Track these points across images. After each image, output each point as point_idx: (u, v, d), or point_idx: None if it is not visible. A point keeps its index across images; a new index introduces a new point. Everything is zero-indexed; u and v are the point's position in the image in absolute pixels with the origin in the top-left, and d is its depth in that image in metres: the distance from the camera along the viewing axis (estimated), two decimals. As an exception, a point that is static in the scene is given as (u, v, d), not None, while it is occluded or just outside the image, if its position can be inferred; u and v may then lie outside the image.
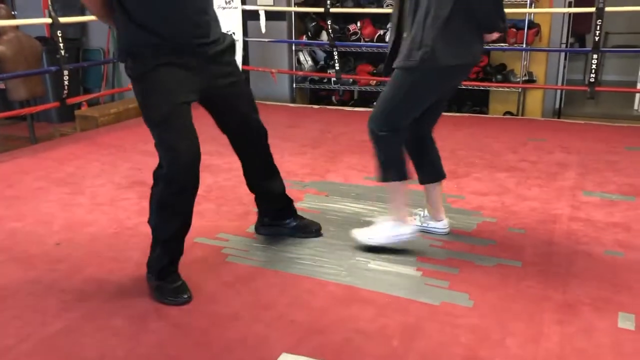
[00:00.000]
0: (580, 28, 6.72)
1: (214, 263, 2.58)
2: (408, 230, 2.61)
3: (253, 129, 2.55)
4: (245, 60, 6.37)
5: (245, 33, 6.23)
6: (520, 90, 5.85)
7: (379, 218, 2.78)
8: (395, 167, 2.53)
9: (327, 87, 6.61)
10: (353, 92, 6.86)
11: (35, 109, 5.29)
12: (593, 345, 1.97)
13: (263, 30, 5.99)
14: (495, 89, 5.97)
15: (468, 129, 4.89)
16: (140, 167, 3.88)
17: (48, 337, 2.05)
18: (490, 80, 5.84)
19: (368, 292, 2.32)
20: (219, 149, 2.66)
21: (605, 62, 7.61)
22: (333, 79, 6.26)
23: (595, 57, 4.96)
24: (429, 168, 2.72)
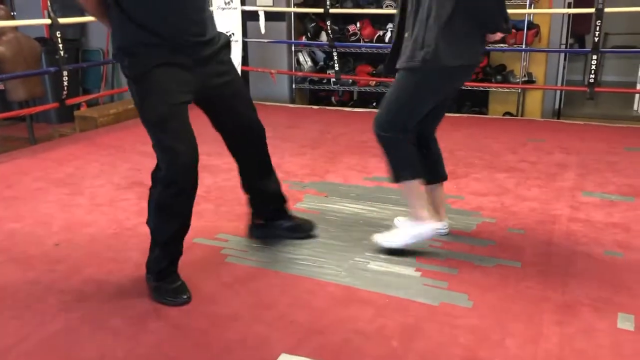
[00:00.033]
0: (580, 29, 6.73)
1: (213, 263, 2.58)
2: (429, 229, 2.59)
3: (251, 128, 2.53)
4: (245, 61, 6.37)
5: (245, 34, 6.23)
6: (520, 91, 5.85)
7: (399, 220, 2.78)
8: (407, 166, 2.52)
9: (326, 87, 6.61)
10: (352, 92, 6.86)
11: (35, 110, 5.29)
12: (592, 346, 1.97)
13: (262, 31, 5.98)
14: (495, 90, 5.97)
15: (467, 130, 4.89)
16: (140, 167, 3.88)
17: (47, 337, 2.05)
18: (490, 81, 5.84)
19: (367, 292, 2.32)
20: (218, 150, 2.66)
21: (605, 62, 7.62)
22: (332, 80, 6.26)
23: (595, 57, 4.97)
24: (432, 168, 2.72)
